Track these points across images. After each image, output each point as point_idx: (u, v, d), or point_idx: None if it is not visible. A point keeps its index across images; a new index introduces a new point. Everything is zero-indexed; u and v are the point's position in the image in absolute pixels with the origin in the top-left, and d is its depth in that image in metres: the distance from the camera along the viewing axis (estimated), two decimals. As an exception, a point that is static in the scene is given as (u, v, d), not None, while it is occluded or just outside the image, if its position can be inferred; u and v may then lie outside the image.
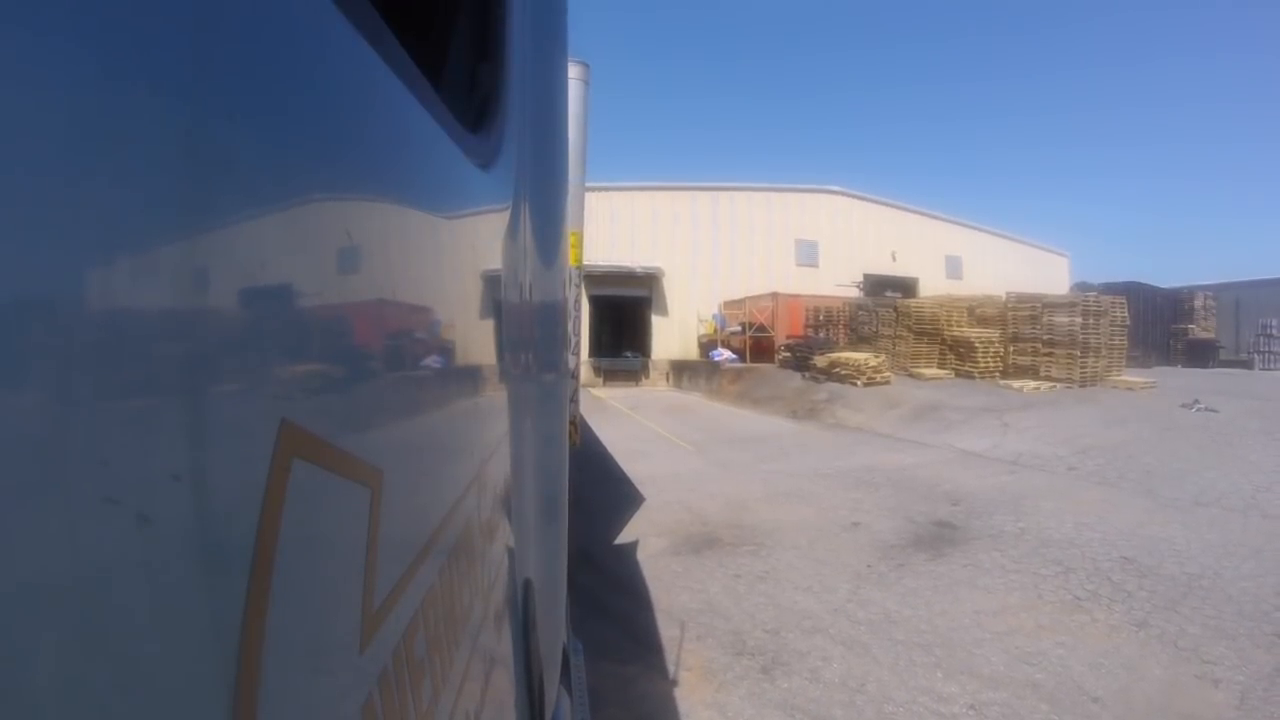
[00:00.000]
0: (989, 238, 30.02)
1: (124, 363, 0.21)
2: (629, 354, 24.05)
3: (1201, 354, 21.63)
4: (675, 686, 3.03)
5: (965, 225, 29.53)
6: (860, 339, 17.79)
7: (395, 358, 0.50)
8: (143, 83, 0.22)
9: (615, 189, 23.43)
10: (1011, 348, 14.77)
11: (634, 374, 23.27)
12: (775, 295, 20.95)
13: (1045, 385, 13.24)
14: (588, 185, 4.33)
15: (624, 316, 24.54)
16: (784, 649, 3.36)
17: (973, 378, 14.37)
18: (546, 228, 1.30)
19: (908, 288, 25.27)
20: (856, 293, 23.29)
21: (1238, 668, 3.08)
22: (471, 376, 0.75)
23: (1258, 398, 11.39)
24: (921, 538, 5.14)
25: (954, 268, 28.22)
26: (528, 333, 1.11)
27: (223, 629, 0.25)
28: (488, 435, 0.81)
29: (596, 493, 6.62)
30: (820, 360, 15.29)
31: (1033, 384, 13.28)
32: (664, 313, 24.38)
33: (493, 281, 0.84)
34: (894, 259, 26.82)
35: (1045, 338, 14.13)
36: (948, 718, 2.76)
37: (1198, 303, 23.46)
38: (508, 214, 0.94)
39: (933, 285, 25.85)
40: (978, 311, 16.01)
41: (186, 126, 0.24)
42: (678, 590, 4.15)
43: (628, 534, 5.35)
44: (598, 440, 9.64)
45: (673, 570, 4.52)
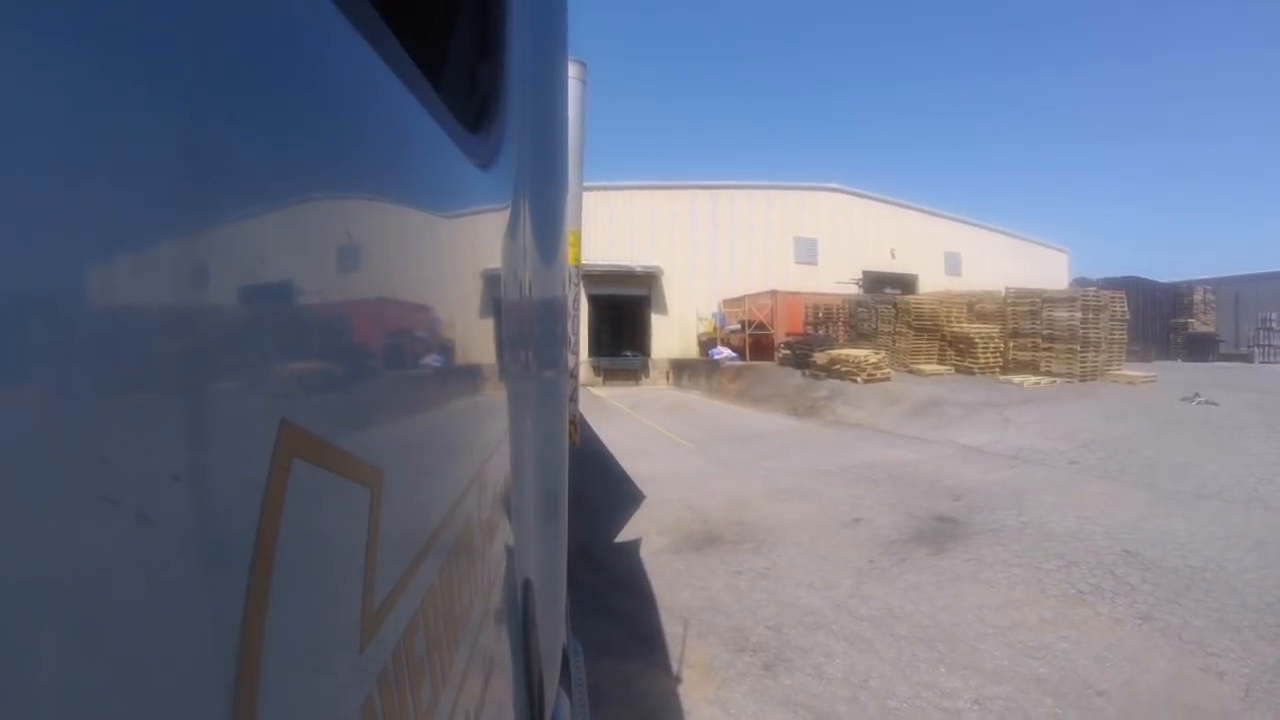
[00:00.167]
0: (988, 234, 30.03)
1: (124, 362, 0.22)
2: (629, 353, 24.04)
3: (1201, 348, 21.63)
4: (678, 683, 3.03)
5: (964, 222, 29.55)
6: (860, 336, 17.77)
7: (395, 357, 0.50)
8: (143, 83, 0.22)
9: (614, 188, 23.42)
10: (1011, 343, 14.75)
11: (634, 373, 23.26)
12: (775, 293, 20.92)
13: (1045, 380, 13.22)
14: (586, 184, 4.35)
15: (623, 315, 24.55)
16: (786, 645, 3.36)
17: (973, 373, 14.36)
18: (546, 227, 1.30)
19: (907, 284, 25.26)
20: (856, 290, 23.24)
21: (1242, 660, 3.08)
22: (471, 375, 0.75)
23: (1258, 391, 11.37)
24: (923, 533, 5.14)
25: (953, 264, 28.22)
26: (527, 331, 1.11)
27: (223, 628, 0.25)
28: (487, 434, 0.81)
29: (597, 491, 6.63)
30: (820, 357, 15.28)
31: (1033, 379, 13.26)
32: (663, 311, 24.37)
33: (492, 281, 0.84)
34: (893, 256, 26.83)
35: (1045, 333, 14.11)
36: (952, 713, 2.76)
37: (1197, 297, 23.44)
38: (507, 213, 0.94)
39: (932, 282, 25.85)
40: (977, 307, 16.00)
41: (186, 126, 0.24)
42: (680, 588, 4.16)
43: (629, 532, 5.35)
44: (598, 439, 9.65)
45: (674, 568, 4.52)
